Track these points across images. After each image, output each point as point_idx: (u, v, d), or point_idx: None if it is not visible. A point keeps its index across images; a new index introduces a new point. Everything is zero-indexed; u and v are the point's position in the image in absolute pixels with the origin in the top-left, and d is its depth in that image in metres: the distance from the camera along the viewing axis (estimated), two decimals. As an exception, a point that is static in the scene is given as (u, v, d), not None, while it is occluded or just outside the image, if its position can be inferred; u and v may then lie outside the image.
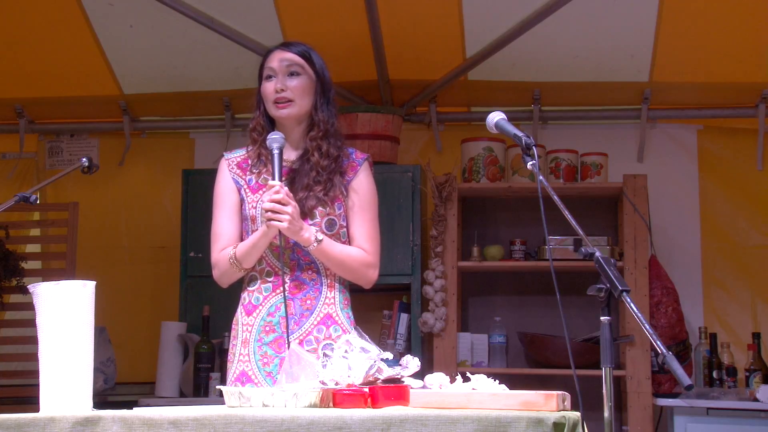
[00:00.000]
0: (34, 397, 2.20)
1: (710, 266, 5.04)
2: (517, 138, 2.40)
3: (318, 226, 2.93)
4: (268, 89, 2.99)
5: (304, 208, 2.91)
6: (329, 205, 2.95)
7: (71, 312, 2.14)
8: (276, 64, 2.99)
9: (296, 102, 2.97)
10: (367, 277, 3.02)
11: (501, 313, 4.97)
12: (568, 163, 4.87)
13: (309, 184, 2.94)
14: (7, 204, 2.98)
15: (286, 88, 2.96)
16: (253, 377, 2.93)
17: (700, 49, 4.66)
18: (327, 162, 2.96)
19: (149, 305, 5.31)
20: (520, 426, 1.89)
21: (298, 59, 3.00)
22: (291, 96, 2.97)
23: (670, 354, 1.96)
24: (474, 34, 4.66)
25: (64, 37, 4.75)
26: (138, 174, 5.48)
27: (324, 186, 2.95)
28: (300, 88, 2.98)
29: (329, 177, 2.96)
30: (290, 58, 3.00)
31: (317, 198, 2.94)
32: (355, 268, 2.98)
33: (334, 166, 2.98)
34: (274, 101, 2.97)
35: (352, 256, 2.97)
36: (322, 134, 2.99)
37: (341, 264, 2.96)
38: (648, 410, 4.55)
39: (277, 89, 2.96)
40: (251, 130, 3.06)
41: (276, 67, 2.99)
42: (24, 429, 1.97)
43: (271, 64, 3.00)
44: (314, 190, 2.94)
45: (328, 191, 2.95)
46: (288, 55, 3.00)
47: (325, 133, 2.99)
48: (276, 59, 3.00)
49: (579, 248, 2.16)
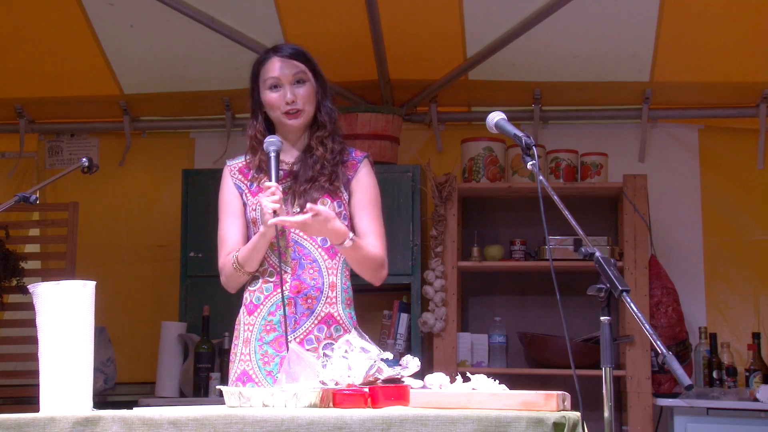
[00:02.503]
0: (34, 397, 2.20)
1: (712, 262, 5.04)
2: (517, 138, 2.40)
3: None
4: (276, 100, 2.97)
5: (309, 200, 2.91)
6: (330, 201, 2.95)
7: (71, 312, 2.14)
8: (280, 74, 2.97)
9: (305, 110, 2.99)
10: (381, 276, 3.04)
11: (501, 313, 4.97)
12: (568, 163, 4.87)
13: (313, 176, 2.96)
14: (7, 204, 2.98)
15: (297, 98, 2.97)
16: (253, 376, 2.94)
17: (700, 49, 4.66)
18: (331, 156, 2.99)
19: (149, 305, 5.31)
20: (520, 426, 1.89)
21: (301, 66, 2.99)
22: (301, 106, 2.97)
23: (670, 354, 1.96)
24: (474, 34, 4.66)
25: (64, 37, 4.75)
26: (138, 174, 5.48)
27: (329, 177, 2.96)
28: (307, 95, 2.98)
29: (333, 168, 2.98)
30: (295, 66, 2.98)
31: (322, 187, 2.94)
32: (374, 268, 3.00)
33: (338, 159, 3.00)
34: (284, 112, 2.97)
35: (373, 255, 2.98)
36: (329, 133, 3.01)
37: (364, 262, 2.97)
38: (648, 410, 4.55)
39: (288, 101, 2.96)
40: (251, 138, 3.05)
41: (281, 76, 2.97)
42: (24, 429, 1.97)
43: (274, 74, 2.98)
44: (319, 180, 2.95)
45: (333, 181, 2.96)
46: (291, 63, 2.99)
47: (332, 131, 3.02)
48: (278, 68, 2.98)
49: (579, 248, 2.16)
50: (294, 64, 2.99)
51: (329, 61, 3.09)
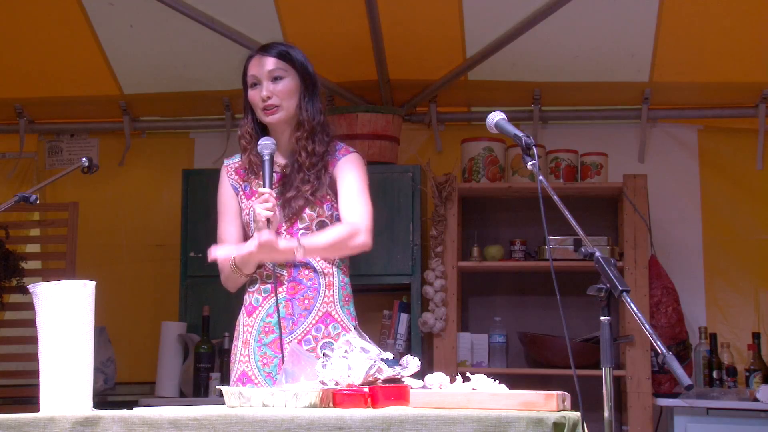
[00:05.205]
0: (34, 397, 2.20)
1: (712, 261, 5.04)
2: (517, 138, 2.40)
3: (309, 229, 2.95)
4: (255, 97, 3.00)
5: (293, 209, 2.93)
6: (318, 206, 2.96)
7: (71, 312, 2.14)
8: (258, 71, 3.00)
9: (283, 106, 2.99)
10: (360, 244, 2.93)
11: (501, 313, 4.97)
12: (568, 163, 4.87)
13: (297, 185, 2.96)
14: (7, 204, 2.98)
15: (272, 94, 2.98)
16: (253, 377, 2.95)
17: (700, 49, 4.66)
18: (314, 160, 2.98)
19: (149, 305, 5.31)
20: (520, 426, 1.89)
21: (281, 63, 3.00)
22: (278, 102, 2.98)
23: (670, 354, 1.96)
24: (474, 34, 4.66)
25: (64, 37, 4.75)
26: (138, 174, 5.48)
27: (312, 185, 2.96)
28: (285, 91, 2.99)
29: (317, 176, 2.97)
30: (272, 63, 3.00)
31: (305, 198, 2.95)
32: (347, 244, 2.93)
33: (321, 164, 2.99)
34: (262, 109, 2.99)
35: (337, 235, 2.93)
36: (307, 134, 3.00)
37: (333, 248, 2.93)
38: (648, 410, 4.55)
39: (263, 97, 2.98)
40: (240, 138, 3.08)
41: (258, 74, 3.00)
42: (24, 429, 1.97)
43: (252, 72, 3.01)
44: (302, 190, 2.95)
45: (315, 191, 2.96)
46: (269, 60, 3.01)
47: (311, 131, 3.00)
48: (256, 66, 3.01)
49: (579, 248, 2.16)
50: (273, 61, 3.01)
51: (329, 61, 3.09)
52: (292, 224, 2.96)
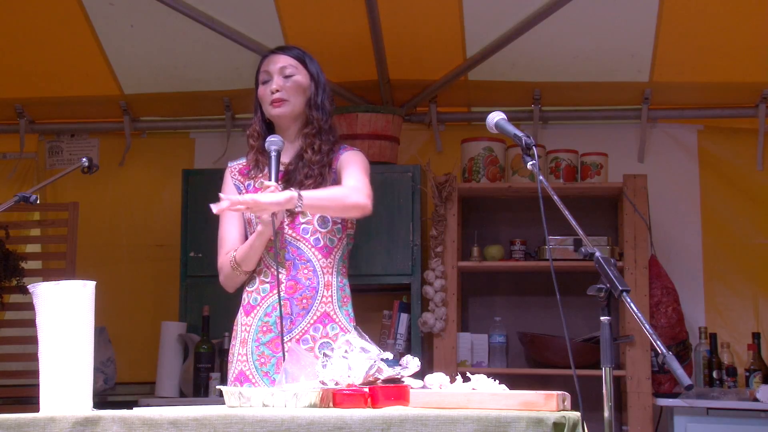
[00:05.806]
0: (34, 397, 2.20)
1: (712, 264, 5.04)
2: (517, 138, 2.40)
3: (310, 224, 2.98)
4: (264, 92, 3.06)
5: None
6: None
7: (71, 312, 2.14)
8: (270, 68, 3.06)
9: (290, 101, 3.03)
10: (359, 204, 2.92)
11: (501, 313, 4.97)
12: (568, 163, 4.87)
13: (300, 179, 2.98)
14: (7, 204, 2.99)
15: (281, 88, 3.02)
16: (250, 377, 2.96)
17: (700, 49, 4.66)
18: (319, 157, 3.01)
19: (149, 305, 5.31)
20: (520, 426, 1.89)
21: (293, 61, 3.07)
22: (285, 96, 3.03)
23: (670, 354, 1.96)
24: (474, 34, 4.66)
25: (64, 37, 4.75)
26: (138, 174, 5.48)
27: (315, 180, 2.98)
28: (294, 87, 3.04)
29: (320, 172, 2.99)
30: (285, 61, 3.06)
31: None
32: (345, 202, 2.91)
33: (325, 161, 3.02)
34: (270, 102, 3.03)
35: (336, 190, 2.94)
36: (316, 131, 3.04)
37: (332, 201, 2.91)
38: (648, 410, 4.55)
39: (273, 90, 3.02)
40: (248, 136, 3.12)
41: (270, 70, 3.06)
42: (24, 429, 1.97)
43: (266, 68, 3.07)
44: (305, 184, 2.96)
45: (318, 186, 2.97)
46: (282, 58, 3.07)
47: (319, 129, 3.05)
48: (269, 63, 3.07)
49: (579, 248, 2.16)
50: (285, 58, 3.07)
51: (329, 61, 3.11)
52: (294, 218, 2.98)
